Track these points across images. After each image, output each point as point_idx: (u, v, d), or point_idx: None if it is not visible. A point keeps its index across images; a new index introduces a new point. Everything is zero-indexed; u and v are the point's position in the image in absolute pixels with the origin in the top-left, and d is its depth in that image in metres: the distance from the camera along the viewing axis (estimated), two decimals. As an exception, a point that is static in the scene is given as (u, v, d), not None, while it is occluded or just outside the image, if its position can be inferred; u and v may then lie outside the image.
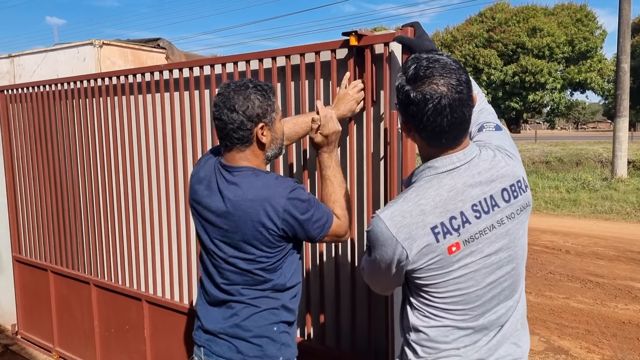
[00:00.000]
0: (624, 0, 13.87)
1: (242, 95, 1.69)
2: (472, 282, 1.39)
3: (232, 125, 1.69)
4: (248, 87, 1.70)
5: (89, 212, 3.62)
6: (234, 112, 1.67)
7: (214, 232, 1.77)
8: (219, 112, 1.70)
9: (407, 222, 1.35)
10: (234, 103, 1.68)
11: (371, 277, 1.57)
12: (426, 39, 1.91)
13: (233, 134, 1.70)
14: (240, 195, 1.70)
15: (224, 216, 1.73)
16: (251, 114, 1.69)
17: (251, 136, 1.72)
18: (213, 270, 1.81)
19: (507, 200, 1.40)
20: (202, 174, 1.84)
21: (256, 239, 1.70)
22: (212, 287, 1.82)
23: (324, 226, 1.76)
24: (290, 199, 1.68)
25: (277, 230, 1.69)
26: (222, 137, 1.75)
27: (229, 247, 1.75)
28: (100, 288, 3.58)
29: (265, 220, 1.67)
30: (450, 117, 1.30)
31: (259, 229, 1.68)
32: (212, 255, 1.81)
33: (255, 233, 1.69)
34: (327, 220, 1.77)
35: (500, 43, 32.80)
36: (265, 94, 1.72)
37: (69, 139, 3.69)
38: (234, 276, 1.76)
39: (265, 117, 1.72)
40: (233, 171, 1.74)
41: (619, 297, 5.77)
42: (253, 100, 1.69)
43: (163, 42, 5.98)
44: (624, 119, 13.90)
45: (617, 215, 10.43)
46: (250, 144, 1.74)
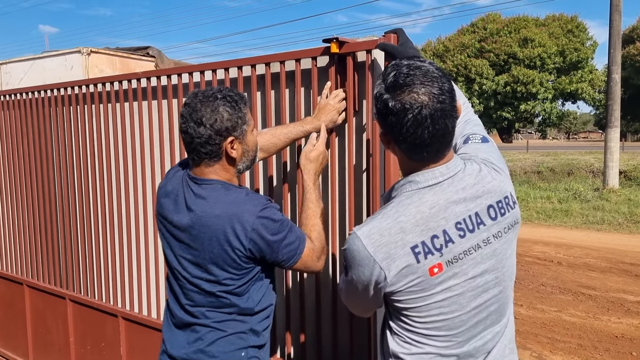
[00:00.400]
0: (614, 11, 13.93)
1: (209, 107, 1.56)
2: (456, 306, 1.29)
3: (199, 140, 1.57)
4: (216, 98, 1.58)
5: (66, 225, 3.49)
6: (201, 125, 1.56)
7: (179, 250, 1.66)
8: (185, 124, 1.59)
9: (385, 241, 1.25)
10: (200, 116, 1.56)
11: (348, 298, 1.46)
12: (410, 47, 1.82)
13: (200, 148, 1.59)
14: (206, 211, 1.59)
15: (188, 232, 1.62)
16: (219, 128, 1.57)
17: (220, 151, 1.61)
18: (178, 290, 1.70)
19: (493, 218, 1.30)
20: (169, 187, 1.73)
21: (221, 259, 1.58)
22: (177, 308, 1.71)
23: (295, 251, 1.63)
24: (260, 217, 1.57)
25: (244, 250, 1.57)
26: (189, 151, 1.64)
27: (193, 267, 1.64)
28: (76, 303, 3.44)
29: (232, 238, 1.56)
30: (432, 129, 1.20)
31: (225, 247, 1.57)
32: (176, 274, 1.69)
33: (220, 252, 1.58)
34: (299, 246, 1.64)
35: (492, 53, 32.98)
36: (236, 105, 1.60)
37: (46, 150, 3.57)
38: (198, 297, 1.65)
39: (235, 130, 1.60)
40: (202, 184, 1.64)
41: (611, 310, 5.68)
42: (221, 113, 1.57)
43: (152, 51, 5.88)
44: (615, 130, 13.91)
45: (608, 226, 10.39)
46: (219, 159, 1.63)
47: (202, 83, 2.53)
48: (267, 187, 2.38)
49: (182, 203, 1.65)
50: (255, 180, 2.41)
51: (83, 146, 3.30)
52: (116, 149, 3.09)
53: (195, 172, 1.67)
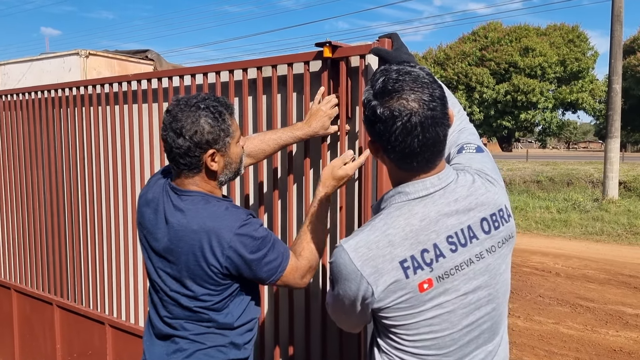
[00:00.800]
0: (615, 22, 13.91)
1: (190, 117, 1.47)
2: (447, 324, 1.22)
3: (178, 151, 1.49)
4: (199, 108, 1.48)
5: (55, 230, 3.42)
6: (180, 136, 1.47)
7: (158, 262, 1.60)
8: (165, 133, 1.51)
9: (373, 255, 1.18)
10: (180, 126, 1.47)
11: (335, 313, 1.39)
12: (404, 52, 1.76)
13: (179, 159, 1.51)
14: (183, 224, 1.52)
15: (166, 245, 1.56)
16: (199, 140, 1.48)
17: (199, 163, 1.53)
18: (157, 301, 1.64)
19: (487, 232, 1.24)
20: (150, 195, 1.66)
21: (198, 275, 1.52)
22: (157, 319, 1.65)
23: (276, 269, 1.55)
24: (238, 234, 1.49)
25: (220, 267, 1.50)
26: (169, 159, 1.57)
27: (171, 280, 1.58)
28: (63, 309, 3.37)
29: (208, 255, 1.49)
30: (422, 137, 1.14)
31: (201, 263, 1.50)
32: (155, 286, 1.64)
33: (196, 268, 1.51)
34: (282, 263, 1.56)
35: (492, 62, 33.00)
36: (219, 117, 1.51)
37: (36, 152, 3.51)
38: (177, 310, 1.59)
39: (216, 142, 1.51)
40: (182, 195, 1.57)
41: (610, 323, 5.60)
42: (202, 125, 1.48)
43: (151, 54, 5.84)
44: (615, 140, 13.85)
45: (608, 237, 10.31)
46: (198, 171, 1.55)
47: (192, 86, 2.47)
48: (257, 193, 2.32)
49: (161, 214, 1.59)
50: (245, 186, 2.35)
51: (73, 150, 3.24)
52: (106, 153, 3.03)
53: (176, 182, 1.60)
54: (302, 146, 2.13)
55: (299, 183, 2.20)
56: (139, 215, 1.69)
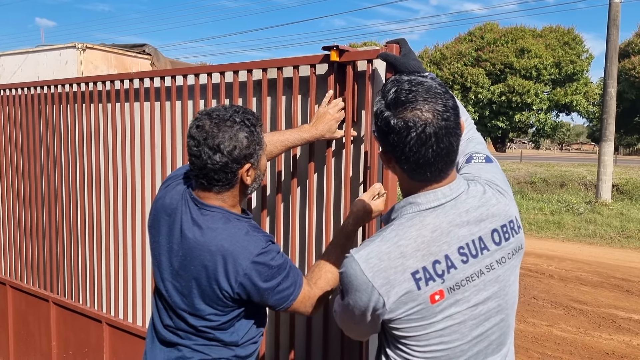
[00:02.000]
0: (612, 25, 13.97)
1: (227, 132, 1.42)
2: (457, 335, 1.22)
3: (213, 167, 1.43)
4: (235, 122, 1.44)
5: (52, 226, 3.40)
6: (217, 152, 1.41)
7: (166, 273, 1.58)
8: (198, 149, 1.43)
9: (384, 266, 1.18)
10: (218, 142, 1.41)
11: (344, 323, 1.39)
12: (412, 58, 1.75)
13: (213, 174, 1.45)
14: (200, 242, 1.48)
15: (179, 259, 1.53)
16: (238, 156, 1.44)
17: (235, 178, 1.49)
18: (162, 309, 1.63)
19: (497, 243, 1.24)
20: (168, 200, 1.61)
21: (207, 295, 1.50)
22: (161, 326, 1.64)
23: (287, 298, 1.51)
24: (255, 262, 1.45)
25: (231, 293, 1.47)
26: (198, 175, 1.49)
27: (178, 296, 1.56)
28: (60, 307, 3.35)
29: (221, 278, 1.46)
30: (436, 148, 1.14)
31: (212, 285, 1.47)
32: (162, 297, 1.62)
33: (206, 288, 1.49)
34: (294, 292, 1.51)
35: (488, 62, 33.03)
36: (254, 130, 1.47)
37: (34, 148, 3.48)
38: (182, 325, 1.57)
39: (252, 157, 1.48)
40: (203, 208, 1.52)
41: (602, 326, 5.64)
42: (241, 140, 1.44)
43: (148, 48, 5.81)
44: (609, 143, 13.93)
45: (600, 240, 10.37)
46: (232, 186, 1.51)
47: (196, 86, 2.46)
48: (260, 197, 2.31)
49: (178, 224, 1.54)
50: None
51: (72, 146, 3.22)
52: (106, 150, 3.01)
53: (199, 194, 1.55)
54: (307, 150, 2.12)
55: (302, 187, 2.19)
56: (152, 219, 1.65)
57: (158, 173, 2.71)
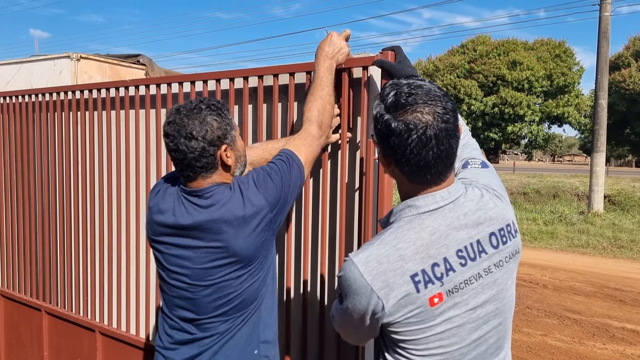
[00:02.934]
0: (602, 38, 14.14)
1: (197, 119, 1.53)
2: (456, 338, 1.22)
3: (193, 154, 1.53)
4: (201, 110, 1.54)
5: (45, 234, 3.38)
6: (192, 139, 1.51)
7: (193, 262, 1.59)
8: (175, 142, 1.53)
9: (383, 269, 1.18)
10: (190, 130, 1.52)
11: (342, 327, 1.38)
12: (407, 65, 1.77)
13: (195, 162, 1.54)
14: (222, 213, 1.55)
15: (207, 240, 1.57)
16: (212, 138, 1.54)
17: (215, 161, 1.57)
18: (186, 305, 1.64)
19: (495, 246, 1.24)
20: (162, 205, 1.64)
21: (248, 250, 1.57)
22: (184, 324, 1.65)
23: (299, 172, 1.70)
24: (263, 188, 1.59)
25: (268, 211, 1.59)
26: (182, 168, 1.58)
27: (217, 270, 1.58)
28: (52, 316, 3.32)
29: (254, 216, 1.57)
30: (436, 150, 1.15)
31: (252, 233, 1.56)
32: (174, 292, 1.64)
33: (247, 244, 1.56)
34: (296, 164, 1.69)
35: (481, 74, 33.31)
36: (221, 113, 1.57)
37: (28, 156, 3.47)
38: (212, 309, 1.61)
39: (226, 137, 1.57)
40: (204, 193, 1.58)
41: (596, 336, 5.65)
42: (210, 123, 1.54)
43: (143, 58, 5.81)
44: (601, 154, 14.04)
45: (593, 250, 10.41)
46: (215, 169, 1.59)
47: (192, 93, 2.46)
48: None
49: (184, 214, 1.59)
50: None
51: (67, 154, 3.20)
52: (100, 158, 3.00)
53: (191, 185, 1.61)
54: (303, 156, 2.12)
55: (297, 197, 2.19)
56: (151, 228, 1.67)
57: (153, 181, 2.70)
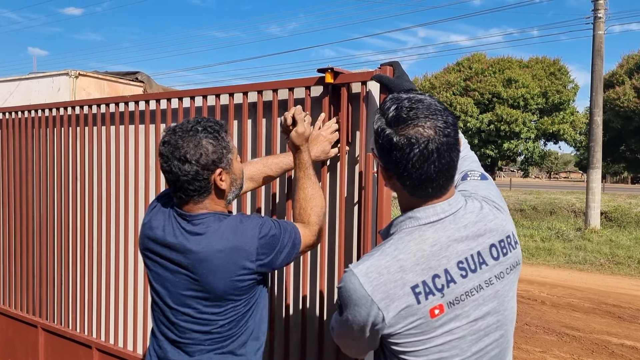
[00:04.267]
0: (596, 56, 14.30)
1: (191, 142, 1.48)
2: (457, 350, 1.21)
3: (186, 177, 1.49)
4: (197, 132, 1.50)
5: (42, 250, 3.36)
6: (186, 162, 1.48)
7: (173, 285, 1.57)
8: (168, 164, 1.50)
9: (384, 280, 1.18)
10: (184, 153, 1.48)
11: (342, 339, 1.37)
12: (405, 80, 1.79)
13: (188, 185, 1.50)
14: (205, 247, 1.50)
15: (187, 269, 1.53)
16: (206, 162, 1.50)
17: (209, 185, 1.53)
18: (169, 325, 1.61)
19: (495, 258, 1.25)
20: (154, 222, 1.63)
21: (225, 292, 1.53)
22: (167, 344, 1.62)
23: (292, 252, 1.62)
24: (261, 238, 1.54)
25: (254, 274, 1.54)
26: (175, 190, 1.55)
27: (193, 301, 1.55)
28: (48, 332, 3.29)
29: (239, 269, 1.51)
30: (438, 163, 1.16)
31: (232, 278, 1.51)
32: (164, 312, 1.61)
33: (225, 285, 1.51)
34: (295, 240, 1.62)
35: (476, 92, 33.54)
36: (218, 135, 1.53)
37: (26, 172, 3.47)
38: (194, 335, 1.58)
39: (221, 161, 1.53)
40: (193, 219, 1.54)
41: (596, 353, 5.62)
42: (205, 147, 1.50)
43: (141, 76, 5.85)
44: (597, 171, 14.10)
45: (591, 266, 10.40)
46: (208, 193, 1.55)
47: (191, 109, 2.48)
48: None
49: (171, 234, 1.56)
50: (244, 212, 2.34)
51: (65, 170, 3.21)
52: (99, 173, 3.01)
53: (184, 208, 1.58)
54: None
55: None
56: (144, 242, 1.65)
57: (151, 197, 2.70)
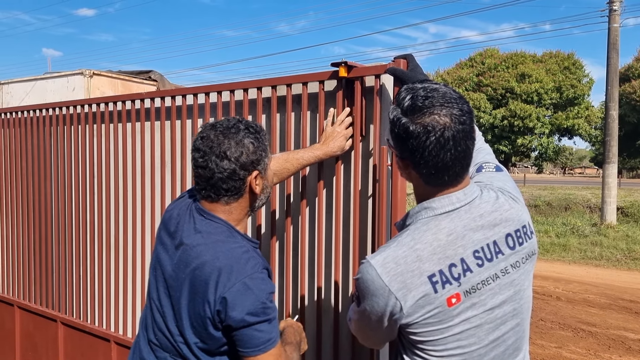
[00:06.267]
0: (611, 50, 14.14)
1: (233, 139, 1.42)
2: (474, 339, 1.23)
3: (221, 175, 1.41)
4: (239, 130, 1.44)
5: (61, 246, 3.42)
6: (225, 159, 1.40)
7: (161, 284, 1.53)
8: (205, 159, 1.41)
9: (401, 270, 1.19)
10: (225, 149, 1.41)
11: (360, 330, 1.39)
12: (419, 72, 1.79)
13: (222, 184, 1.43)
14: (196, 250, 1.43)
15: (172, 267, 1.49)
16: (245, 162, 1.43)
17: (243, 186, 1.46)
18: (150, 325, 1.56)
19: (511, 247, 1.26)
20: (175, 212, 1.59)
21: (193, 311, 1.42)
22: (145, 343, 1.57)
23: (265, 344, 1.38)
24: (245, 283, 1.37)
25: (211, 311, 1.38)
26: (205, 188, 1.46)
27: (169, 308, 1.50)
28: (68, 326, 3.35)
29: (210, 290, 1.38)
30: (454, 151, 1.17)
31: (199, 298, 1.39)
32: (151, 309, 1.57)
33: (193, 301, 1.41)
34: (268, 343, 1.39)
35: (489, 87, 33.28)
36: (259, 137, 1.47)
37: (45, 169, 3.53)
38: (167, 343, 1.50)
39: (259, 164, 1.47)
40: (208, 218, 1.48)
41: (612, 348, 5.58)
42: (247, 146, 1.43)
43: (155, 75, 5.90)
44: (613, 165, 13.95)
45: (607, 262, 10.31)
46: (240, 196, 1.48)
47: (206, 105, 2.51)
48: (269, 221, 2.33)
49: (179, 233, 1.52)
50: (257, 213, 2.35)
51: (83, 167, 3.26)
52: (116, 170, 3.05)
53: (205, 205, 1.51)
54: (316, 168, 2.15)
55: (311, 207, 2.21)
56: (160, 228, 1.62)
57: (167, 192, 2.74)
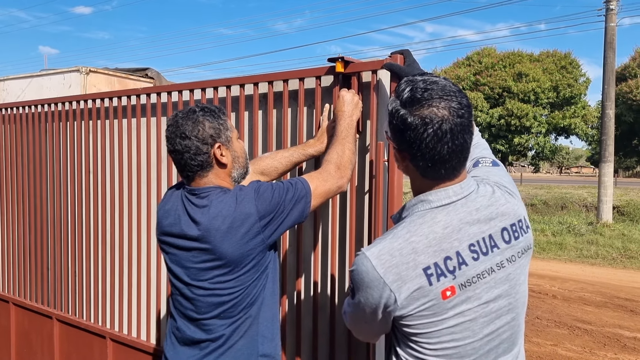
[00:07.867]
0: (608, 49, 14.17)
1: (190, 120, 1.64)
2: (469, 332, 1.23)
3: (188, 153, 1.63)
4: (195, 112, 1.66)
5: (57, 242, 3.41)
6: (186, 138, 1.63)
7: (188, 261, 1.66)
8: (172, 143, 1.66)
9: (396, 262, 1.19)
10: (184, 130, 1.63)
11: (354, 322, 1.39)
12: (417, 68, 1.80)
13: (191, 161, 1.64)
14: (212, 215, 1.60)
15: (199, 241, 1.62)
16: (204, 137, 1.64)
17: (210, 159, 1.66)
18: (187, 304, 1.69)
19: (507, 241, 1.26)
20: (168, 206, 1.75)
21: (236, 255, 1.60)
22: (184, 323, 1.70)
23: (300, 202, 1.67)
24: (259, 198, 1.62)
25: (260, 234, 1.61)
26: (181, 169, 1.69)
27: (208, 272, 1.64)
28: (63, 323, 3.34)
29: (245, 232, 1.59)
30: (451, 144, 1.17)
31: (240, 242, 1.59)
32: (182, 292, 1.69)
33: (234, 249, 1.59)
34: (300, 193, 1.67)
35: (486, 86, 33.32)
36: (214, 114, 1.67)
37: (40, 165, 3.51)
38: (210, 308, 1.65)
39: (219, 136, 1.66)
40: (200, 193, 1.66)
41: (608, 346, 5.59)
42: (203, 123, 1.64)
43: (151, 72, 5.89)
44: (609, 164, 14.00)
45: (603, 261, 10.34)
46: (211, 167, 1.67)
47: (203, 101, 2.50)
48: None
49: (185, 216, 1.66)
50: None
51: (78, 162, 3.25)
52: (112, 165, 3.04)
53: (192, 185, 1.70)
54: (313, 162, 2.15)
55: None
56: (159, 227, 1.75)
57: (163, 188, 2.73)
